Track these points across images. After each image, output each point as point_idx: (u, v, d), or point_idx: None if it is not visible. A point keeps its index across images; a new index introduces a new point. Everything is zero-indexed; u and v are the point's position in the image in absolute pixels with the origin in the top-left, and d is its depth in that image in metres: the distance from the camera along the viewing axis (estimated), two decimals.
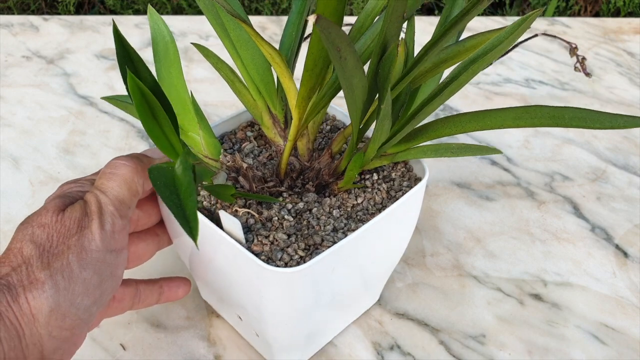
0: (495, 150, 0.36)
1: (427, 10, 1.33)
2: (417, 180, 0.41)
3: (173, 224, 0.39)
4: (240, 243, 0.34)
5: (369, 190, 0.40)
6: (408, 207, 0.39)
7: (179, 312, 0.46)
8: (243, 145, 0.43)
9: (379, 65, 0.33)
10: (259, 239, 0.36)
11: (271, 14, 1.39)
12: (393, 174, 0.41)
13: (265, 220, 0.37)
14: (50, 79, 0.72)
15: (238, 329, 0.44)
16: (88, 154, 0.61)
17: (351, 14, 1.31)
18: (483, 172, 0.61)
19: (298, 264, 0.34)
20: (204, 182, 0.37)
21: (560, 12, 1.48)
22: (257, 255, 0.34)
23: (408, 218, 0.41)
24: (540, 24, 0.90)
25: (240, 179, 0.38)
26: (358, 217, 0.38)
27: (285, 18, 0.85)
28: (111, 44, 0.80)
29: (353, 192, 0.39)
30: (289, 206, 0.38)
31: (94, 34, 0.83)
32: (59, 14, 1.35)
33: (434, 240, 0.53)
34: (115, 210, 0.33)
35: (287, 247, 0.35)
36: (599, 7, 1.42)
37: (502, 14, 1.49)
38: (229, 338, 0.44)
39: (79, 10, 1.25)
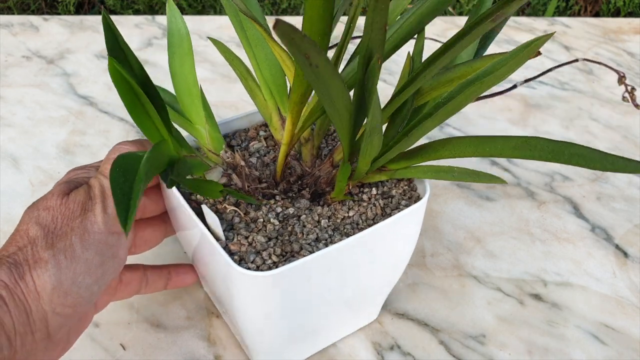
0: (499, 180, 0.35)
1: None
2: (418, 200, 0.39)
3: (176, 216, 0.39)
4: (219, 240, 0.35)
5: (364, 204, 0.39)
6: (401, 226, 0.38)
7: (179, 312, 0.46)
8: (251, 143, 0.43)
9: (365, 78, 0.32)
10: (239, 238, 0.35)
11: (271, 14, 1.39)
12: (394, 191, 0.40)
13: (250, 221, 0.37)
14: (50, 79, 0.72)
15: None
16: (88, 154, 0.61)
17: None
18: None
19: (270, 268, 0.34)
20: (194, 176, 0.37)
21: (560, 12, 1.48)
22: (232, 254, 0.35)
23: (402, 238, 0.39)
24: (540, 24, 0.90)
25: (234, 176, 0.38)
26: (345, 230, 0.37)
27: (285, 18, 0.85)
28: None
29: (347, 204, 0.39)
30: (279, 210, 0.37)
31: (94, 34, 0.83)
32: (59, 14, 1.35)
33: (434, 240, 0.53)
34: None
35: (263, 250, 0.35)
36: (599, 7, 1.42)
37: None
38: (229, 338, 0.44)
39: (79, 10, 1.25)
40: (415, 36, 0.37)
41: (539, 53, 0.32)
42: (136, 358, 0.43)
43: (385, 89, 0.72)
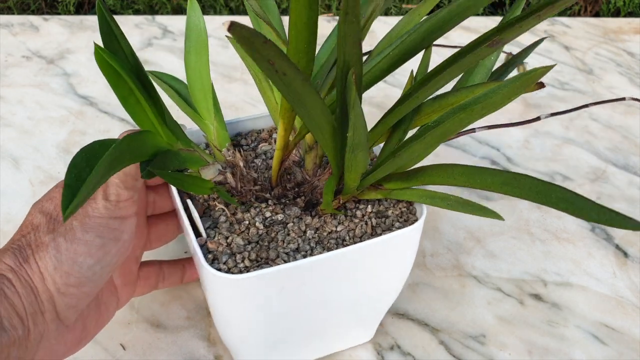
0: (494, 214, 0.34)
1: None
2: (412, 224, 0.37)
3: (177, 214, 0.39)
4: (199, 235, 0.35)
5: (356, 220, 0.37)
6: (389, 249, 0.36)
7: (179, 312, 0.46)
8: (261, 145, 0.43)
9: (344, 92, 0.31)
10: (218, 237, 0.35)
11: None
12: (390, 212, 0.38)
13: (235, 222, 0.37)
14: (50, 79, 0.72)
15: None
16: None
17: None
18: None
19: (241, 272, 0.33)
20: (189, 170, 0.38)
21: (560, 12, 1.48)
22: (209, 252, 0.35)
23: (391, 262, 0.38)
24: (540, 23, 0.90)
25: (228, 175, 0.38)
26: (328, 245, 0.36)
27: (285, 18, 0.85)
28: None
29: (339, 218, 0.37)
30: (267, 214, 0.37)
31: (94, 34, 0.83)
32: (59, 14, 1.35)
33: (434, 240, 0.53)
34: (120, 182, 0.35)
35: (239, 253, 0.35)
36: (599, 7, 1.42)
37: (502, 14, 1.49)
38: None
39: (79, 10, 1.25)
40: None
41: (542, 85, 0.30)
42: (136, 358, 0.43)
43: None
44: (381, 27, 0.39)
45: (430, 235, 0.54)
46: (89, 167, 0.27)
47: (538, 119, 0.42)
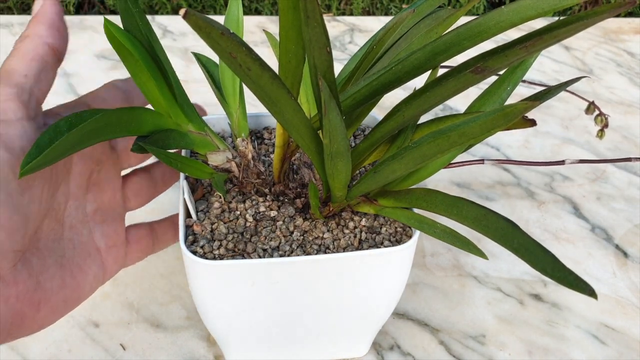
0: (478, 252, 0.33)
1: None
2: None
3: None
4: (189, 216, 0.36)
5: (347, 231, 0.36)
6: (369, 266, 0.35)
7: (179, 312, 0.46)
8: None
9: (319, 98, 0.29)
10: (205, 222, 0.36)
11: (271, 14, 1.39)
12: (384, 229, 0.37)
13: (227, 210, 0.37)
14: None
15: None
16: None
17: (351, 14, 1.31)
18: (483, 172, 0.61)
19: (215, 259, 0.34)
20: (196, 153, 0.38)
21: (560, 12, 1.48)
22: (194, 233, 0.35)
23: (373, 280, 0.36)
24: (540, 23, 0.90)
25: (233, 164, 0.38)
26: (308, 249, 0.35)
27: None
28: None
29: (330, 225, 0.37)
30: (262, 209, 0.37)
31: (94, 34, 0.83)
32: None
33: (434, 240, 0.53)
34: None
35: (219, 240, 0.35)
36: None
37: None
38: None
39: (79, 10, 1.25)
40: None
41: (534, 123, 0.28)
42: (136, 358, 0.43)
43: None
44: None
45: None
46: (68, 132, 0.26)
47: (562, 162, 0.42)
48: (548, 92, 0.33)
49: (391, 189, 0.36)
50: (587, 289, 0.25)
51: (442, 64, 0.31)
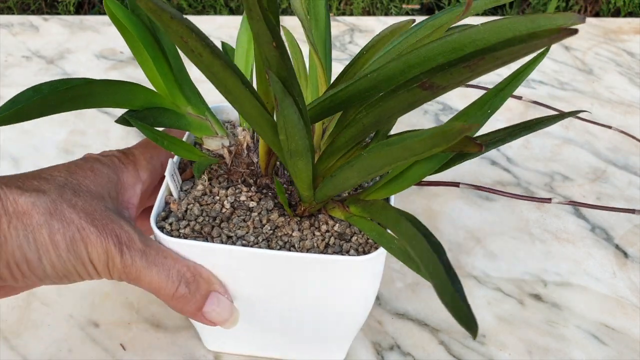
0: (428, 278, 0.32)
1: (428, 11, 1.34)
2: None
3: None
4: (171, 194, 0.37)
5: (317, 233, 0.36)
6: (328, 272, 0.34)
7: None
8: None
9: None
10: (183, 202, 0.36)
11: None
12: (354, 238, 0.35)
13: (209, 193, 0.37)
14: (50, 79, 0.72)
15: None
16: None
17: (351, 14, 1.31)
18: (483, 171, 0.61)
19: (179, 237, 0.34)
20: (193, 135, 0.39)
21: (560, 12, 1.47)
22: (169, 210, 0.36)
23: (333, 287, 0.35)
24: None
25: (225, 151, 0.38)
26: (274, 245, 0.35)
27: (285, 18, 0.85)
28: (111, 44, 0.80)
29: (302, 224, 0.36)
30: (242, 198, 0.37)
31: (94, 34, 0.83)
32: (59, 14, 1.34)
33: None
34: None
35: (188, 220, 0.35)
36: (599, 7, 1.42)
37: (502, 15, 1.49)
38: None
39: (79, 10, 1.25)
40: None
41: (480, 147, 0.25)
42: (136, 358, 0.43)
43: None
44: (381, 28, 0.39)
45: None
46: (50, 93, 0.26)
47: (549, 200, 0.42)
48: (540, 123, 0.34)
49: (364, 197, 0.35)
50: (474, 330, 0.23)
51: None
